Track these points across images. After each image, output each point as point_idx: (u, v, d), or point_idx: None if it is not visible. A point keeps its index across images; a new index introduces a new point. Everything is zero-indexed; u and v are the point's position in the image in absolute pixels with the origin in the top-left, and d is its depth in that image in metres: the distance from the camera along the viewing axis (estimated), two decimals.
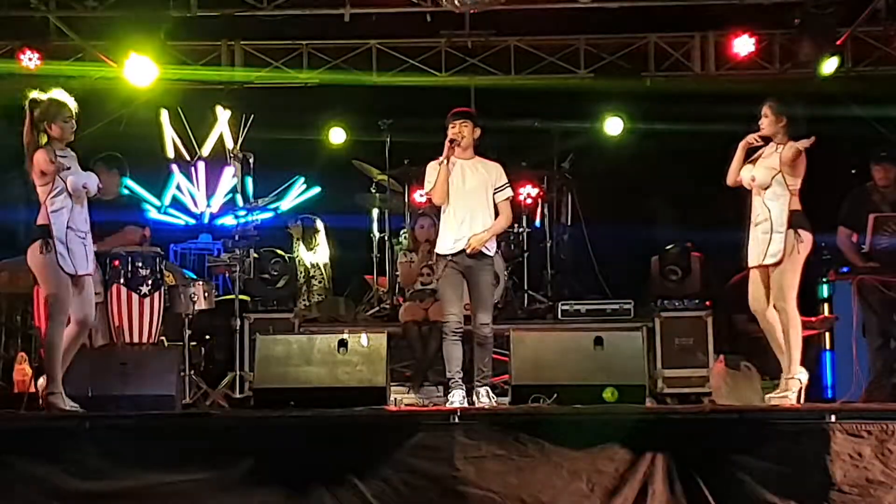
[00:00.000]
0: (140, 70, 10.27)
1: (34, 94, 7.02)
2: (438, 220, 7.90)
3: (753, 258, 7.23)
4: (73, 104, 7.07)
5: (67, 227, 6.93)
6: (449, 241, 7.64)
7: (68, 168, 6.97)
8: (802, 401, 7.09)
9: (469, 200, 7.62)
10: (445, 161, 7.58)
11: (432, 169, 7.67)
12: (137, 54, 10.16)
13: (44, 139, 6.96)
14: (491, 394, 7.56)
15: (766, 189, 7.12)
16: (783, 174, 7.08)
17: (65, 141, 7.05)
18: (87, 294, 7.07)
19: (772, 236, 7.08)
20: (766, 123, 7.22)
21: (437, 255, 7.74)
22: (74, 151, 7.15)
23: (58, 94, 7.08)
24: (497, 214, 7.72)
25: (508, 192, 7.78)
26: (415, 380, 9.26)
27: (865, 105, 10.84)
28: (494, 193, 7.70)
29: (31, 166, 6.98)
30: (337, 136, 11.59)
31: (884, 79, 11.03)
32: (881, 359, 8.34)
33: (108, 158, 8.18)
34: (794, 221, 7.07)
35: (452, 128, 7.63)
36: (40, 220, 6.94)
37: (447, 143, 7.60)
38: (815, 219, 7.31)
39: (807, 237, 7.10)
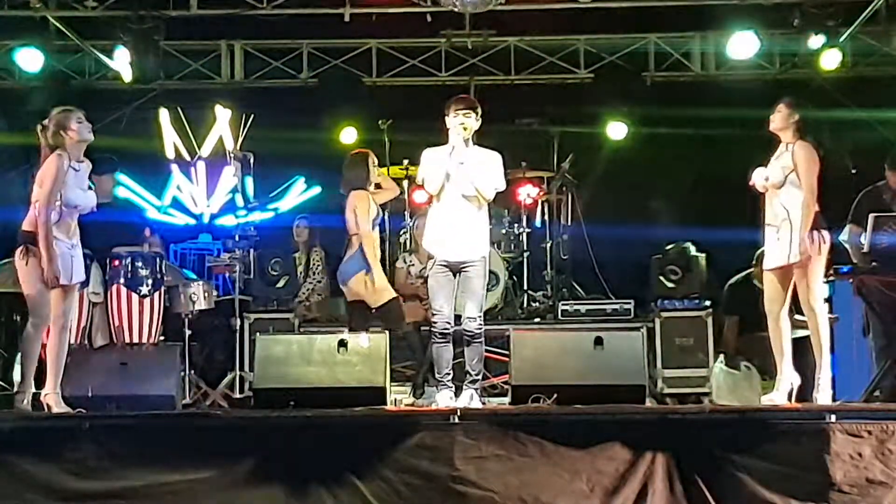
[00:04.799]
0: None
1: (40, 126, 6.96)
2: None
3: (775, 259, 7.08)
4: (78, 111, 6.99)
5: (54, 238, 6.79)
6: (436, 239, 7.46)
7: (75, 181, 6.85)
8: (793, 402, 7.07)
9: (460, 193, 7.36)
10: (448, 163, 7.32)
11: (430, 161, 7.42)
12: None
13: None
14: (476, 397, 7.31)
15: (780, 189, 7.04)
16: (796, 173, 7.00)
17: (84, 142, 6.94)
18: (69, 302, 6.98)
19: (792, 236, 6.97)
20: (779, 118, 7.13)
21: (426, 250, 7.58)
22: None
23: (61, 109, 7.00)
24: (489, 207, 7.51)
25: (502, 186, 7.49)
26: (416, 386, 9.23)
27: (865, 105, 10.83)
28: (488, 186, 7.39)
29: (40, 165, 6.90)
30: (348, 135, 11.50)
31: (884, 79, 11.03)
32: (883, 359, 8.33)
33: (102, 161, 8.09)
34: (816, 223, 6.97)
35: (455, 118, 7.32)
36: (26, 227, 6.84)
37: (451, 145, 7.34)
38: None
39: (827, 238, 7.05)
